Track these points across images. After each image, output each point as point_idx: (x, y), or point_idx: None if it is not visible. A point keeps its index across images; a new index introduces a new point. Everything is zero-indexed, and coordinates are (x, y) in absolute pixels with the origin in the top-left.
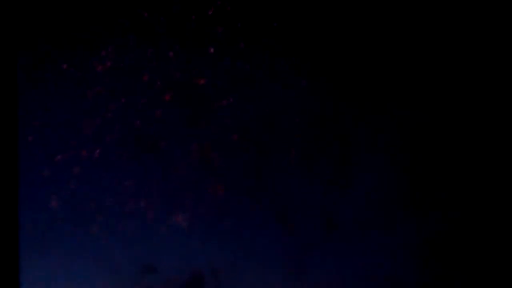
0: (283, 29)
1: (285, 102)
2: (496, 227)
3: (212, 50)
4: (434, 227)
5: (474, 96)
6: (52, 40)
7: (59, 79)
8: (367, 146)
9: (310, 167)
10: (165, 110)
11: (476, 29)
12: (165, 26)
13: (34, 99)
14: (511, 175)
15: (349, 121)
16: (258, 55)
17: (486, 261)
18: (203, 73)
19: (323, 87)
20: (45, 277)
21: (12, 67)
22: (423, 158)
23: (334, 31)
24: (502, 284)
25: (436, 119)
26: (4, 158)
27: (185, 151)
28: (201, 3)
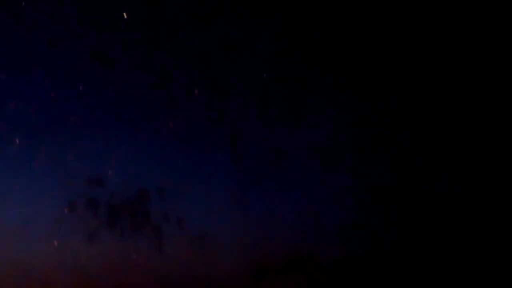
0: None
1: (247, 42)
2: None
3: None
4: (378, 174)
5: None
6: None
7: None
8: (321, 88)
9: (265, 103)
10: (126, 30)
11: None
12: None
13: None
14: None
15: (306, 63)
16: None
17: (421, 212)
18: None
19: (283, 31)
20: None
21: None
22: (377, 104)
23: None
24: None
25: (389, 70)
26: None
27: (144, 75)
28: None
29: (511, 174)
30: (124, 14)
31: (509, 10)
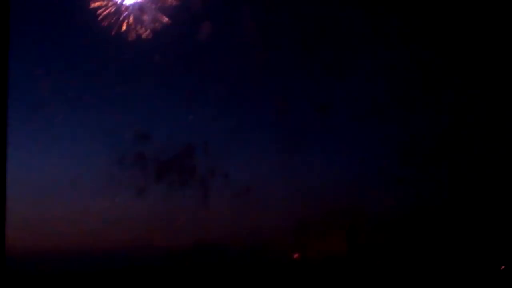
0: None
1: None
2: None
3: None
4: (424, 129)
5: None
6: None
7: None
8: (368, 38)
9: (311, 52)
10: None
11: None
12: None
13: None
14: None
15: (352, 14)
16: None
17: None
18: None
19: None
20: (44, 140)
21: None
22: (424, 57)
23: None
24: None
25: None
26: None
27: (187, 37)
28: None
29: None
30: None
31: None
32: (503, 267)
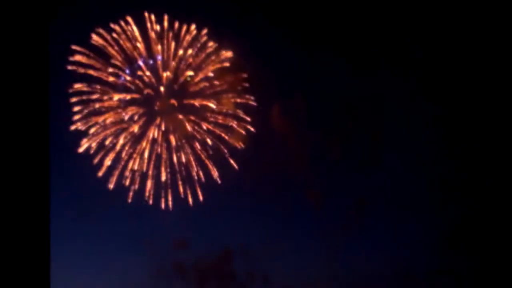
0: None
1: (320, 89)
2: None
3: None
4: (462, 215)
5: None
6: None
7: None
8: (400, 131)
9: (343, 148)
10: None
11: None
12: None
13: None
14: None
15: (383, 107)
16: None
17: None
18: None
19: (359, 72)
20: (82, 250)
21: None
22: (455, 148)
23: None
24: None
25: (465, 116)
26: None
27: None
28: None
29: None
30: None
31: None
32: None
